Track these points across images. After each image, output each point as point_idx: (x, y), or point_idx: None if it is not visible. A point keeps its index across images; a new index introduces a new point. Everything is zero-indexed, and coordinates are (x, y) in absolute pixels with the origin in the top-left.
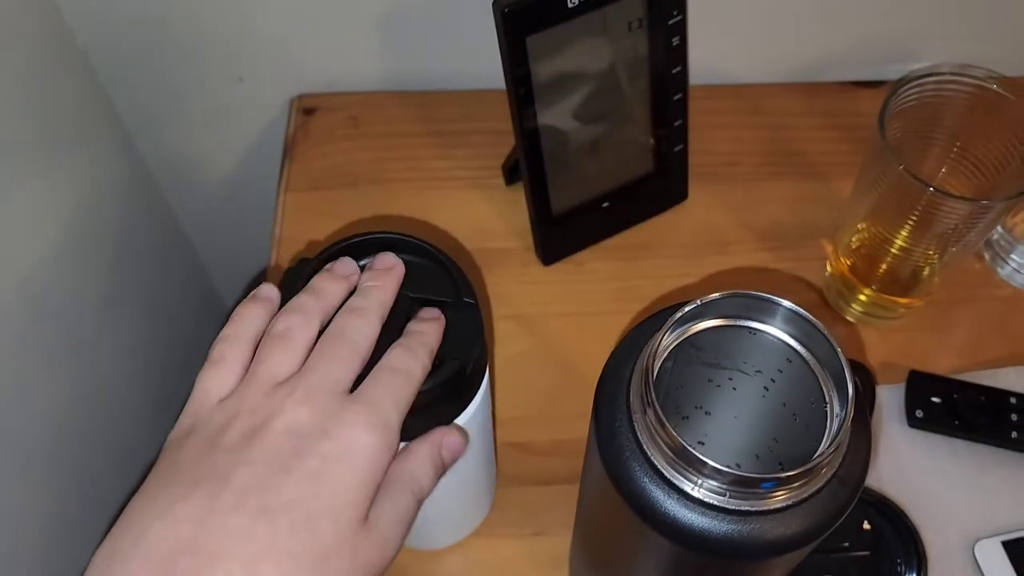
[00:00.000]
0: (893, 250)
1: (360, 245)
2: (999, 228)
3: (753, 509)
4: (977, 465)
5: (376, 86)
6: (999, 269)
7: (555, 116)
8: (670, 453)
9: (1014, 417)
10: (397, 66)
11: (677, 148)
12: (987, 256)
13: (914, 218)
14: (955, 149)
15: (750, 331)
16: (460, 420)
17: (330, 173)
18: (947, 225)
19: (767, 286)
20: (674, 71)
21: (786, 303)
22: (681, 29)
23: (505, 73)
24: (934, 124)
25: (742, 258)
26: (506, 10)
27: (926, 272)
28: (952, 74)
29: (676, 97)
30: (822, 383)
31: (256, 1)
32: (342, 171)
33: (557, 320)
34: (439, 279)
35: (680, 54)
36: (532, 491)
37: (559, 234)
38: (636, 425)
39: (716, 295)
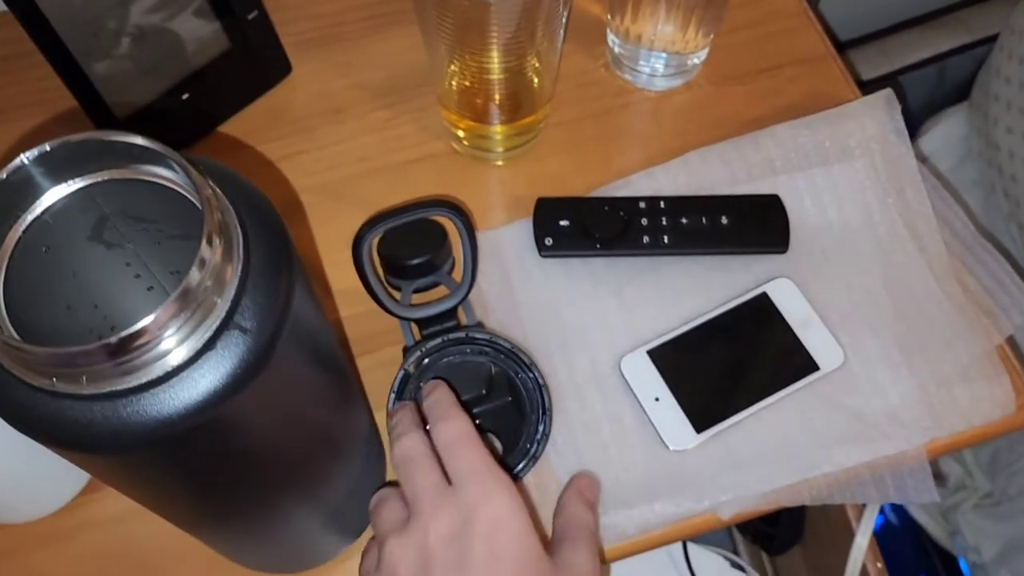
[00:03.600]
0: (492, 76)
1: None
2: (615, 39)
3: (125, 386)
4: (616, 280)
5: None
6: (626, 76)
7: (72, 9)
8: (9, 348)
9: (644, 222)
10: None
11: (251, 16)
12: (613, 67)
13: (488, 31)
14: None
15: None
16: None
17: None
18: (513, 23)
19: (391, 146)
20: None
21: (110, 136)
22: None
23: None
24: None
25: (359, 121)
26: None
27: (536, 82)
28: None
29: None
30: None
31: None
32: None
33: None
34: None
35: None
36: None
37: None
38: None
39: (35, 150)
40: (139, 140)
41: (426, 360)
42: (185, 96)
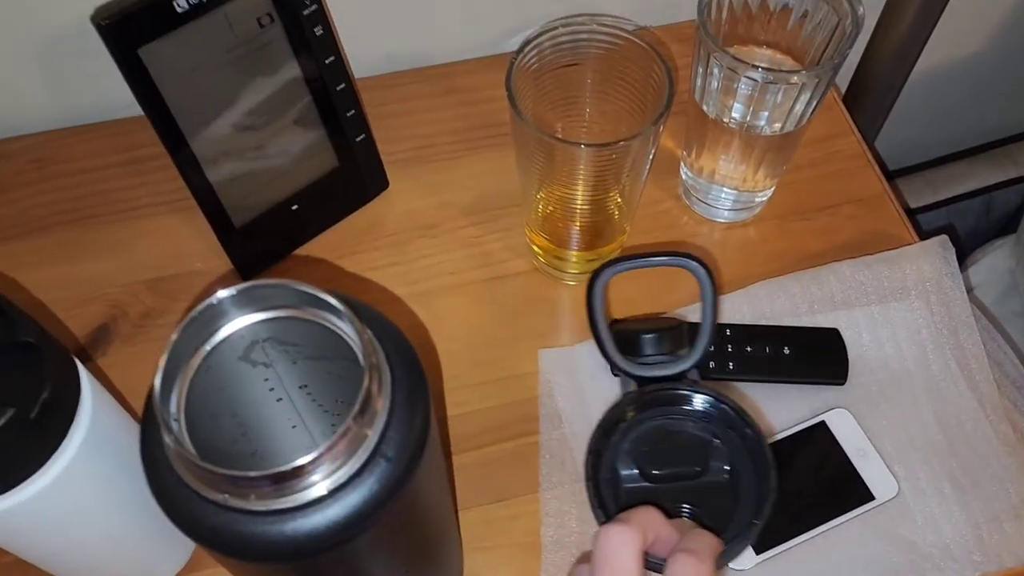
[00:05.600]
0: (576, 206)
1: None
2: (688, 173)
3: (288, 505)
4: None
5: (58, 123)
6: (696, 208)
7: (206, 127)
8: (192, 465)
9: (711, 348)
10: (75, 100)
11: (359, 139)
12: (684, 198)
13: (576, 171)
14: (598, 95)
15: (314, 322)
16: (57, 466)
17: (17, 221)
18: (601, 168)
19: (478, 262)
20: (328, 61)
21: (296, 286)
22: (321, 18)
23: (132, 90)
24: (574, 74)
25: (450, 238)
26: (104, 23)
27: (616, 215)
28: (579, 24)
29: (339, 87)
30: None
31: None
32: (30, 217)
33: None
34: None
35: (329, 44)
36: None
37: (253, 247)
38: (165, 442)
39: (227, 291)
40: (321, 294)
41: (643, 412)
42: (295, 207)
